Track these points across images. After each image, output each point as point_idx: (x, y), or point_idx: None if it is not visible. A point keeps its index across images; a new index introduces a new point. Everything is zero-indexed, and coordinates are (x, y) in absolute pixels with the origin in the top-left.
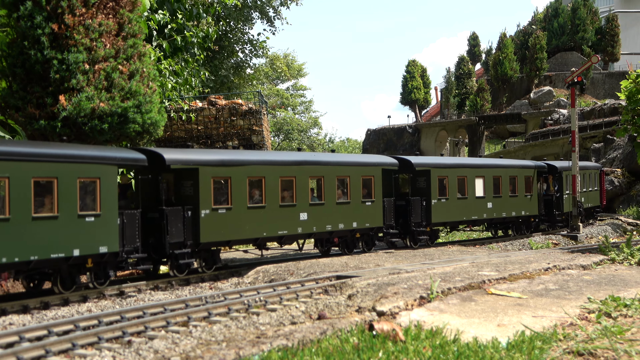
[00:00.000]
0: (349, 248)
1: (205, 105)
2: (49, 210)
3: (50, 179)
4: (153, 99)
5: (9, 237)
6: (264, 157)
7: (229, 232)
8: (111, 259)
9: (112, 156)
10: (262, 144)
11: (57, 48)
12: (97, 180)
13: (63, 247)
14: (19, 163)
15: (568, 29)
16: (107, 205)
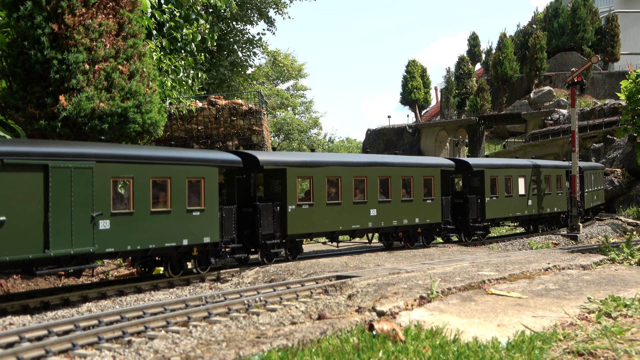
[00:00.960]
0: (411, 242)
1: (205, 105)
2: (164, 206)
3: (165, 179)
4: (153, 99)
5: (133, 228)
6: (340, 158)
7: (311, 226)
8: (212, 248)
9: (214, 158)
10: (262, 144)
11: (57, 48)
12: (202, 179)
13: (175, 237)
14: (141, 165)
15: (568, 29)
16: (210, 202)
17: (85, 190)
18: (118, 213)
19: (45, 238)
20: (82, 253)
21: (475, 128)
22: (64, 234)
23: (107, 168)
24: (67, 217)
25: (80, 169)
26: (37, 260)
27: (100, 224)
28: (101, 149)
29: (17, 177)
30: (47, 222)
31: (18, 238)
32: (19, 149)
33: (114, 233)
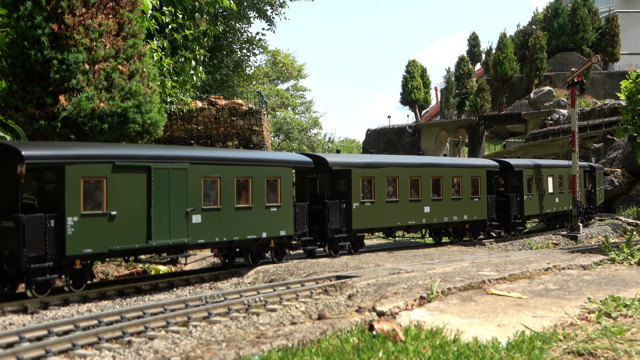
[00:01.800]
0: (459, 237)
1: (205, 105)
2: (246, 202)
3: (247, 178)
4: (153, 99)
5: (220, 222)
6: (398, 160)
7: (372, 221)
8: (287, 241)
9: (289, 159)
10: (262, 144)
11: (57, 48)
12: (278, 179)
13: (255, 230)
14: (226, 166)
15: (568, 29)
16: (285, 199)
17: (180, 188)
18: (208, 209)
19: (148, 230)
20: (178, 244)
21: (475, 128)
22: (163, 226)
23: (198, 169)
24: (166, 212)
25: (176, 170)
26: (142, 250)
27: (193, 218)
28: (194, 152)
29: (125, 177)
30: (150, 216)
31: (126, 230)
32: (127, 152)
33: (204, 226)
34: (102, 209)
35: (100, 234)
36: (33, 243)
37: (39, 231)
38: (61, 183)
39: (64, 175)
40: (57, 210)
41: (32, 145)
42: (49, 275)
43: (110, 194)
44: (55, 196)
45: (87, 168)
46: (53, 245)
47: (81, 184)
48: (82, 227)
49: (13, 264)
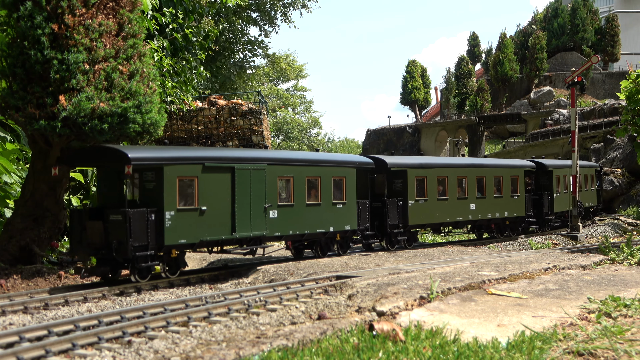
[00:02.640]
0: (501, 232)
1: (205, 105)
2: (315, 199)
3: (316, 178)
4: (153, 99)
5: (293, 217)
6: (447, 161)
7: (425, 218)
8: (350, 235)
9: (353, 161)
10: (262, 144)
11: (57, 48)
12: (343, 178)
13: (323, 225)
14: (299, 167)
15: (568, 29)
16: (350, 196)
17: (259, 186)
18: (283, 205)
19: (232, 223)
20: (258, 236)
21: (475, 128)
22: (245, 220)
23: (274, 169)
24: (247, 207)
25: (256, 170)
26: (227, 241)
27: (270, 213)
28: (270, 154)
29: (213, 176)
30: (234, 211)
31: (214, 223)
32: (215, 155)
33: (280, 220)
34: (194, 204)
35: (192, 226)
36: (137, 234)
37: (142, 224)
38: (160, 182)
39: (163, 175)
40: (156, 206)
41: (136, 149)
42: (150, 262)
43: (201, 192)
44: (155, 193)
45: (182, 168)
46: (153, 236)
47: (177, 183)
48: (178, 220)
49: (121, 252)
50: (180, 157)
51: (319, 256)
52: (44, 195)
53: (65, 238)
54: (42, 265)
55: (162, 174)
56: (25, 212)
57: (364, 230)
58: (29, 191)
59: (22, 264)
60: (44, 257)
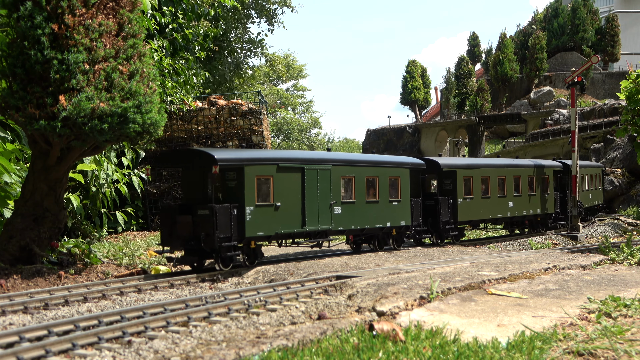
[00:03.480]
0: (534, 228)
1: (205, 105)
2: (374, 197)
3: (374, 177)
4: (153, 99)
5: (354, 213)
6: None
7: (471, 215)
8: (405, 230)
9: (406, 162)
10: (262, 144)
11: (57, 48)
12: (398, 178)
13: (381, 221)
14: (359, 167)
15: (568, 29)
16: (404, 194)
17: (325, 185)
18: (345, 202)
19: (303, 218)
20: (324, 230)
21: (475, 128)
22: (313, 215)
23: (338, 170)
24: (315, 203)
25: (323, 170)
26: (298, 234)
27: (335, 209)
28: (335, 155)
29: (286, 176)
30: (304, 207)
31: (287, 217)
32: (287, 156)
33: (343, 216)
34: (270, 200)
35: (269, 220)
36: (222, 227)
37: (226, 218)
38: (241, 180)
39: (243, 174)
40: (238, 201)
41: (220, 151)
42: (233, 252)
43: (276, 189)
44: (236, 190)
45: (259, 168)
46: (236, 229)
47: (255, 181)
48: (257, 215)
49: (208, 243)
50: (258, 158)
51: (376, 250)
52: (44, 195)
53: (65, 238)
54: (42, 265)
55: (242, 173)
56: (25, 212)
57: (416, 226)
58: (29, 191)
59: (22, 264)
60: (44, 257)
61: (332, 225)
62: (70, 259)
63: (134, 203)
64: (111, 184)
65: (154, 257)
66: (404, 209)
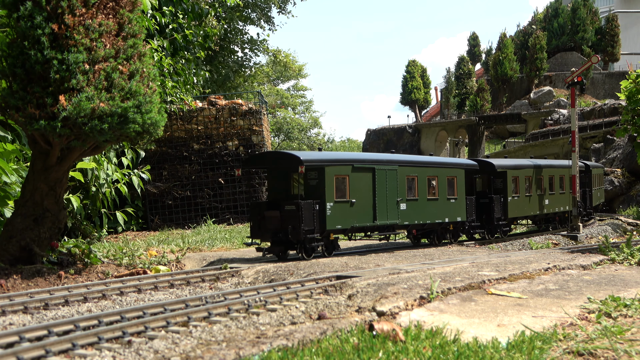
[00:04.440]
0: (562, 224)
1: (205, 105)
2: (434, 195)
3: (434, 177)
4: (153, 99)
5: (417, 209)
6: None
7: (518, 211)
8: (460, 225)
9: (462, 163)
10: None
11: (57, 48)
12: (455, 177)
13: (440, 216)
14: (421, 168)
15: (568, 29)
16: (460, 193)
17: (393, 183)
18: (410, 199)
19: (374, 213)
20: (392, 224)
21: (475, 128)
22: (382, 210)
23: (404, 170)
24: (384, 200)
25: (390, 170)
26: (369, 227)
27: (401, 206)
28: (400, 157)
29: (359, 175)
30: (375, 203)
31: (361, 212)
32: (360, 157)
33: (408, 212)
34: (346, 197)
35: (345, 215)
36: (307, 220)
37: (310, 212)
38: (322, 179)
39: (324, 173)
40: (319, 198)
41: (304, 153)
42: (315, 244)
43: (351, 187)
44: (318, 188)
45: (337, 169)
46: (318, 222)
47: (334, 180)
48: (335, 210)
49: (294, 235)
50: (336, 160)
51: (435, 244)
52: (44, 195)
53: (65, 238)
54: (42, 265)
55: (323, 172)
56: (25, 212)
57: (471, 222)
58: (29, 191)
59: (22, 264)
60: (44, 257)
61: (398, 220)
62: (70, 259)
63: (134, 203)
64: (111, 184)
65: (154, 257)
66: (460, 206)
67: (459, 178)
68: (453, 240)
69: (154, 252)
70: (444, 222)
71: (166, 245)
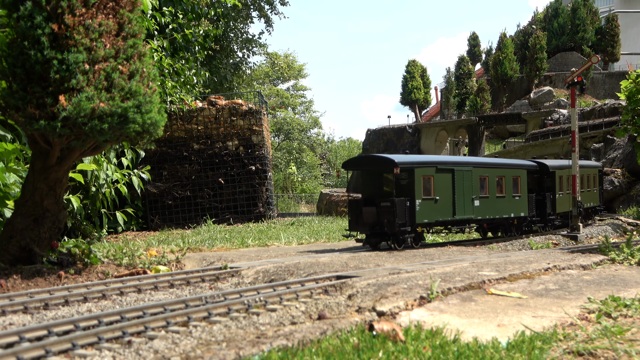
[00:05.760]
0: (587, 219)
1: (205, 105)
2: (501, 192)
3: (502, 176)
4: (153, 99)
5: (488, 205)
6: (569, 163)
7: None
8: (523, 220)
9: (524, 164)
10: (262, 144)
11: (57, 48)
12: (518, 177)
13: (507, 212)
14: (491, 169)
15: (568, 29)
16: (523, 190)
17: (468, 183)
18: (482, 196)
19: (453, 209)
20: (468, 218)
21: (475, 128)
22: (460, 206)
23: (477, 170)
24: (462, 197)
25: (466, 171)
26: (449, 221)
27: (475, 202)
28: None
29: (441, 175)
30: (454, 200)
31: (443, 208)
32: (442, 160)
33: (480, 208)
34: (431, 195)
35: (430, 210)
36: (400, 215)
37: (402, 208)
38: (411, 179)
39: (414, 174)
40: (409, 196)
41: (397, 157)
42: (407, 236)
43: (435, 186)
44: (408, 187)
45: (424, 170)
46: (408, 217)
47: (422, 180)
48: (423, 206)
49: (390, 227)
50: (423, 162)
51: (503, 237)
52: (44, 195)
53: (65, 238)
54: (42, 265)
55: (413, 173)
56: (25, 212)
57: (532, 217)
58: (29, 191)
59: (22, 264)
60: (44, 257)
61: (473, 215)
62: (70, 259)
63: (134, 203)
64: (111, 184)
65: (154, 257)
66: (522, 203)
67: (522, 177)
68: (516, 233)
69: (154, 252)
70: (510, 217)
71: (166, 245)
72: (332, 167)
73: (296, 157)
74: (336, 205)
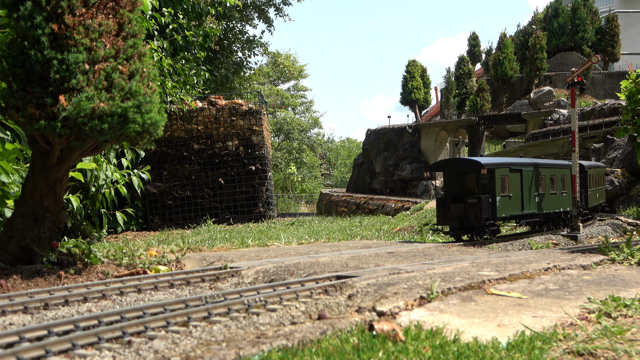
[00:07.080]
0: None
1: (205, 105)
2: (553, 190)
3: (553, 176)
4: (153, 99)
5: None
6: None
7: (592, 202)
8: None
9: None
10: (262, 144)
11: (57, 48)
12: (564, 176)
13: (557, 207)
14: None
15: (568, 29)
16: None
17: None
18: (540, 193)
19: (522, 204)
20: (531, 213)
21: (475, 128)
22: (526, 202)
23: (538, 170)
24: (528, 194)
25: (530, 171)
26: (518, 215)
27: (536, 198)
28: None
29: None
30: (522, 196)
31: (515, 204)
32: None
33: (539, 203)
34: (506, 192)
35: (507, 206)
36: (484, 210)
37: (487, 204)
38: (492, 178)
39: (495, 174)
40: (491, 193)
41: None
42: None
43: (509, 184)
44: (489, 186)
45: (502, 170)
46: (490, 212)
47: (499, 179)
48: (501, 203)
49: (476, 221)
50: (500, 163)
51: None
52: (44, 195)
53: (65, 238)
54: (42, 265)
55: (494, 173)
56: (25, 212)
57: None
58: (29, 191)
59: (22, 264)
60: (44, 257)
61: (536, 210)
62: (70, 259)
63: (134, 203)
64: (110, 184)
65: (154, 257)
66: (568, 199)
67: (567, 176)
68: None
69: (154, 252)
70: (559, 212)
71: (166, 245)
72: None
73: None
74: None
